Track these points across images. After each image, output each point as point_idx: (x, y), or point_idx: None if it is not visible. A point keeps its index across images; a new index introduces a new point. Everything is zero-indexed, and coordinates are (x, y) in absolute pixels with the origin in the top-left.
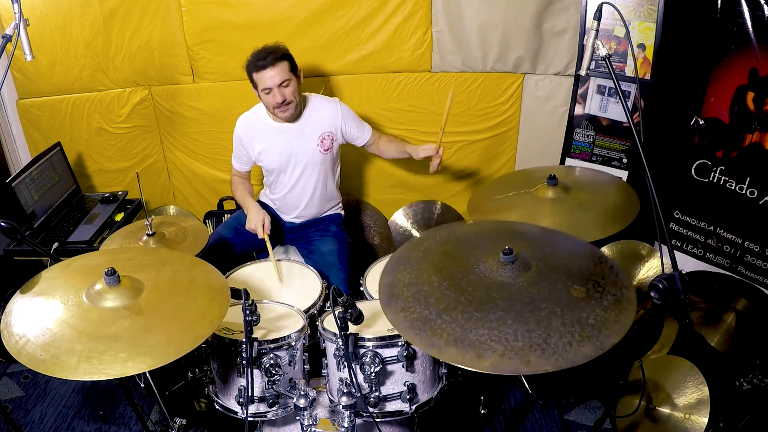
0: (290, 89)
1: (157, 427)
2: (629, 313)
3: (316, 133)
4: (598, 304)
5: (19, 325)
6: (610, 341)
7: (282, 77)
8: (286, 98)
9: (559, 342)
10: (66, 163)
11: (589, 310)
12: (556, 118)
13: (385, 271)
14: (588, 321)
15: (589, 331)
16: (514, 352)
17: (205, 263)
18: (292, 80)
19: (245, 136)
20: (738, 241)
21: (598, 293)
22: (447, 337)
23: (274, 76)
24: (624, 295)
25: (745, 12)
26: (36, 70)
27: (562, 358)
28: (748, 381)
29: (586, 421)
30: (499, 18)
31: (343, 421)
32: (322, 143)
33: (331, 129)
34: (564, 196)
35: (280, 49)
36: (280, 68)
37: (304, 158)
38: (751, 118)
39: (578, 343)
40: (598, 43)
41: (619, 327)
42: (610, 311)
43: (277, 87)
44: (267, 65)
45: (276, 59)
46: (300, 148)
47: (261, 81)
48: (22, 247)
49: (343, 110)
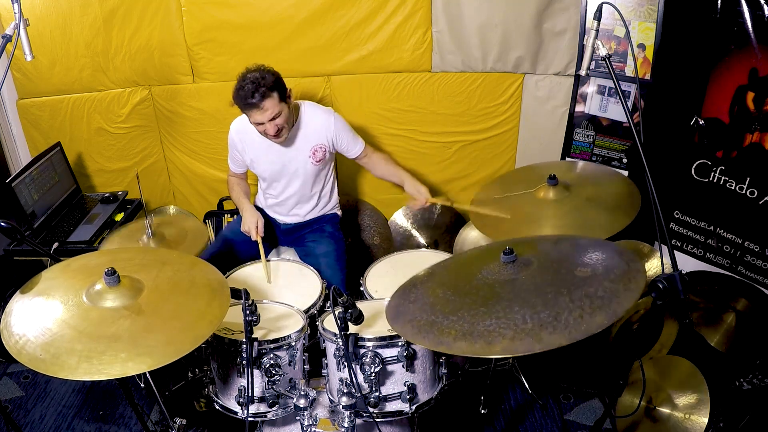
0: (282, 119)
1: (157, 427)
2: (639, 281)
3: (308, 146)
4: (605, 278)
5: (19, 325)
6: (623, 307)
7: (273, 112)
8: (278, 128)
9: (570, 317)
10: (66, 163)
11: (597, 285)
12: (556, 118)
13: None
14: (597, 294)
15: (599, 302)
16: (525, 333)
17: (205, 263)
18: (284, 109)
19: (239, 142)
20: (738, 241)
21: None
22: (455, 334)
23: (265, 112)
24: (631, 267)
25: (745, 12)
26: (36, 70)
27: (575, 330)
28: (748, 381)
29: (586, 421)
30: (499, 18)
31: (343, 421)
32: (314, 155)
33: (324, 141)
34: (565, 196)
35: (267, 79)
36: (270, 103)
37: (295, 169)
38: (751, 118)
39: (589, 315)
40: (598, 43)
41: (629, 294)
42: (618, 282)
43: (269, 121)
44: (256, 104)
45: (264, 96)
46: (292, 160)
47: (252, 117)
48: (22, 247)
49: (337, 122)
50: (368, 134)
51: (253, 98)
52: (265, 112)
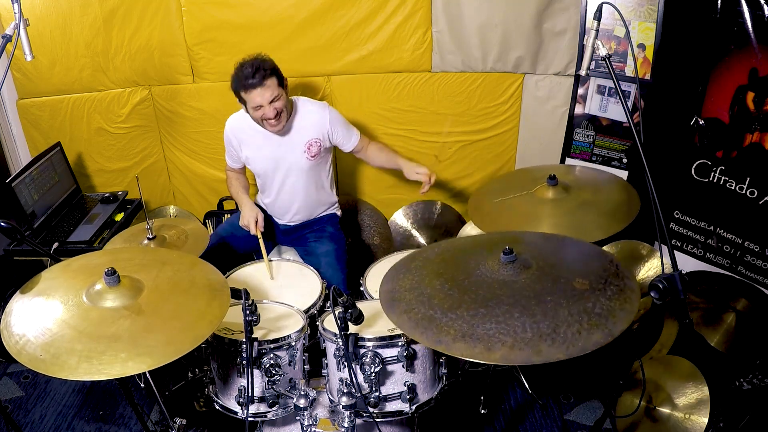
0: (281, 102)
1: (157, 427)
2: (633, 302)
3: (303, 140)
4: (603, 294)
5: (19, 325)
6: (619, 328)
7: (272, 93)
8: (278, 111)
9: (568, 331)
10: (66, 163)
11: (594, 300)
12: (556, 118)
13: (384, 280)
14: (594, 310)
15: (596, 320)
16: (524, 342)
17: (205, 263)
18: (282, 94)
19: (234, 138)
20: (738, 241)
21: (601, 284)
22: (454, 334)
23: (265, 93)
24: (627, 285)
25: (745, 12)
26: (36, 70)
27: (573, 346)
28: (748, 381)
29: (586, 421)
30: (499, 18)
31: (343, 421)
32: (309, 149)
33: (319, 135)
34: (564, 197)
35: (267, 63)
36: (270, 85)
37: (290, 165)
38: (751, 118)
39: (587, 331)
40: (598, 43)
41: (625, 314)
42: (614, 300)
43: (268, 103)
44: (256, 84)
45: (264, 77)
46: (286, 154)
47: (251, 100)
48: (22, 247)
49: (331, 115)
50: (368, 134)
51: (254, 78)
52: (265, 92)
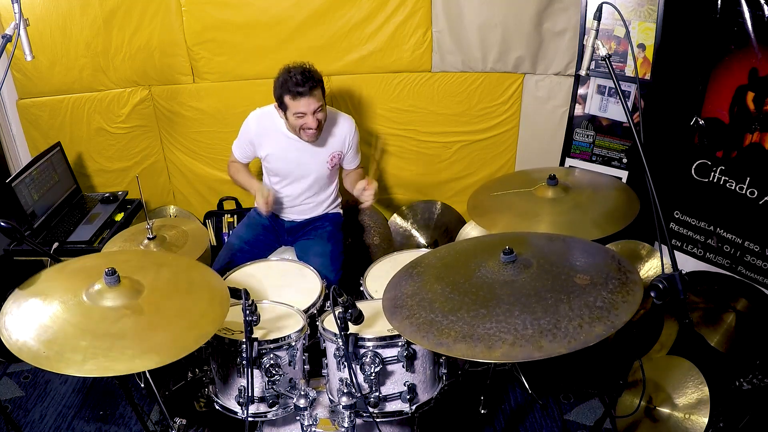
0: (323, 114)
1: (157, 427)
2: (636, 294)
3: (329, 151)
4: (604, 288)
5: (19, 324)
6: (621, 320)
7: (318, 104)
8: (319, 122)
9: (570, 326)
10: (66, 163)
11: (596, 295)
12: (556, 118)
13: (387, 288)
14: (596, 304)
15: (598, 313)
16: (525, 339)
17: (202, 265)
18: (324, 106)
19: (255, 135)
20: (738, 241)
21: (602, 279)
22: (455, 335)
23: (311, 103)
24: (629, 278)
25: (745, 12)
26: (36, 70)
27: (575, 340)
28: (748, 381)
29: (586, 421)
30: (499, 18)
31: (343, 421)
32: (331, 161)
33: (342, 148)
34: (564, 196)
35: (316, 73)
36: (317, 95)
37: (309, 170)
38: (751, 118)
39: (589, 324)
40: (598, 43)
41: (627, 306)
42: (616, 293)
43: (312, 113)
44: (305, 93)
45: (313, 87)
46: (309, 161)
47: (296, 106)
48: (22, 247)
49: (354, 133)
50: (368, 134)
51: (303, 86)
52: (312, 102)
